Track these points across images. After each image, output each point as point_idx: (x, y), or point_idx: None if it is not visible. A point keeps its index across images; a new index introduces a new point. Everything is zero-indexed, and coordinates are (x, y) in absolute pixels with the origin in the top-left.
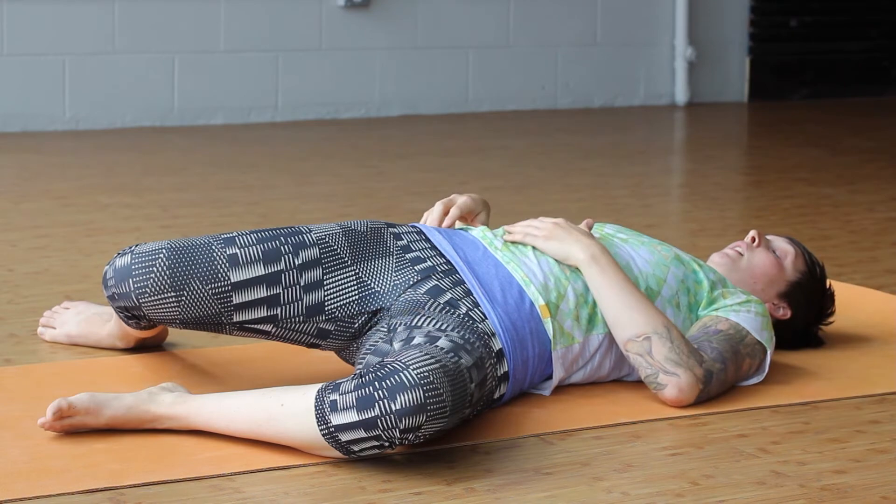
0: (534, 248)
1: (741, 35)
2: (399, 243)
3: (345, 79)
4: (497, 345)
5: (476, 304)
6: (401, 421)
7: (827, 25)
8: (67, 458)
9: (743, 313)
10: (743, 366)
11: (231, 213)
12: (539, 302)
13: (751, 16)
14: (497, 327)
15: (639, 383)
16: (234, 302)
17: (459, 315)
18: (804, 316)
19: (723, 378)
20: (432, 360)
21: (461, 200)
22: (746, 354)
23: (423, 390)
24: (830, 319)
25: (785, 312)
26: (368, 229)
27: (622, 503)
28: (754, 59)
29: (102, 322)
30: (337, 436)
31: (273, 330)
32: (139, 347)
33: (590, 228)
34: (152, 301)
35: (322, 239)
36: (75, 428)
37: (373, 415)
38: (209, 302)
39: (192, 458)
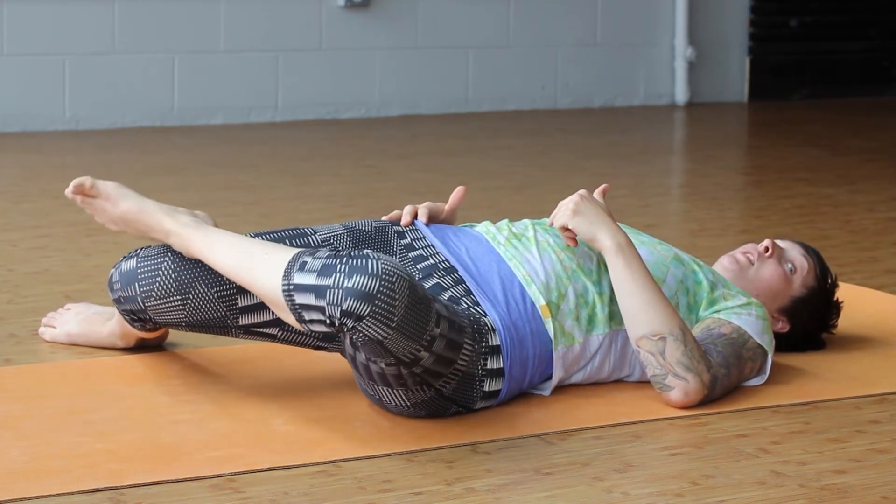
0: (538, 243)
1: (741, 35)
2: (402, 242)
3: (345, 79)
4: (494, 340)
5: (476, 303)
6: (346, 300)
7: (827, 25)
8: (67, 458)
9: (745, 316)
10: (745, 369)
11: (231, 213)
12: (540, 302)
13: (751, 16)
14: (498, 324)
15: (639, 383)
16: (240, 305)
17: (462, 308)
18: (803, 328)
19: (726, 383)
20: (405, 272)
21: (424, 205)
22: (748, 358)
23: (379, 283)
24: (831, 331)
25: (783, 326)
26: (372, 228)
27: (622, 503)
28: (754, 59)
29: (103, 321)
30: (293, 295)
31: (279, 333)
32: (139, 347)
33: (605, 194)
34: (158, 304)
35: (326, 240)
36: (93, 210)
37: (326, 284)
38: (215, 305)
39: (192, 458)
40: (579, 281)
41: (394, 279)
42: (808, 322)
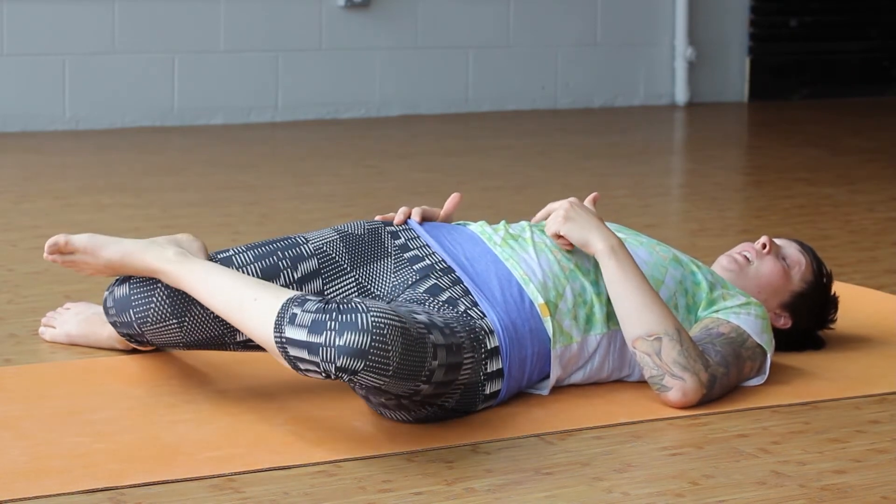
0: (534, 244)
1: (741, 35)
2: (397, 242)
3: (345, 79)
4: (493, 342)
5: (475, 303)
6: (339, 358)
7: (827, 25)
8: (67, 458)
9: (743, 315)
10: (744, 369)
11: (231, 213)
12: (538, 300)
13: (751, 16)
14: (496, 325)
15: (639, 383)
16: None
17: (458, 311)
18: (805, 324)
19: (725, 382)
20: (396, 319)
21: (419, 208)
22: (748, 357)
23: (371, 338)
24: (831, 326)
25: (786, 322)
26: (366, 231)
27: (622, 503)
28: (754, 59)
29: (103, 322)
30: (286, 348)
31: None
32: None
33: (595, 202)
34: (154, 329)
35: (320, 248)
36: (75, 266)
37: (318, 342)
38: (211, 325)
39: (192, 458)
40: (577, 281)
41: (385, 331)
42: (809, 317)
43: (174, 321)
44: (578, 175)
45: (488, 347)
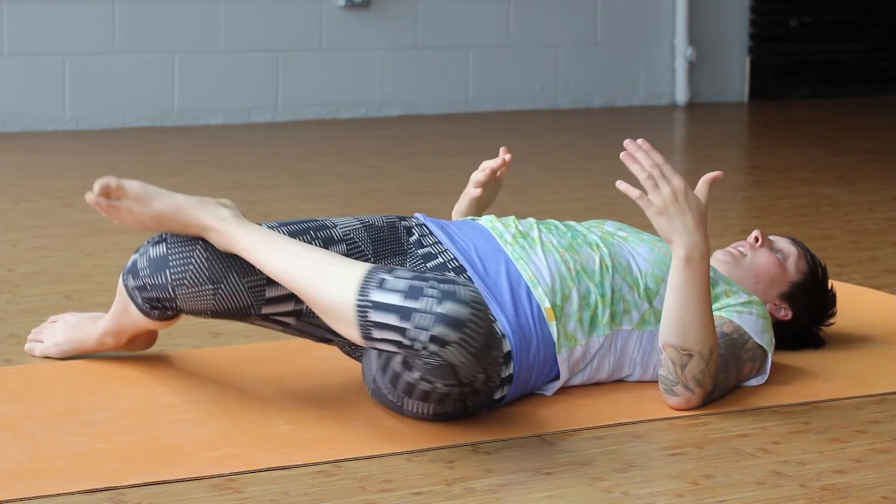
0: (542, 243)
1: (741, 35)
2: (411, 239)
3: (345, 79)
4: (506, 346)
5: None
6: (436, 325)
7: (827, 25)
8: (67, 458)
9: (745, 315)
10: (744, 370)
11: None
12: (545, 304)
13: (751, 16)
14: (507, 330)
15: (639, 383)
16: (267, 296)
17: None
18: (805, 317)
19: (724, 385)
20: (484, 304)
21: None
22: (748, 359)
23: (470, 311)
24: (831, 321)
25: (786, 313)
26: (385, 223)
27: (622, 503)
28: (754, 59)
29: (91, 321)
30: (368, 312)
31: (294, 323)
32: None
33: (712, 184)
34: (189, 293)
35: (347, 234)
36: (118, 213)
37: (413, 307)
38: (243, 295)
39: (192, 458)
40: (583, 283)
41: (481, 307)
42: (808, 309)
43: (210, 287)
44: (578, 175)
45: (503, 351)
